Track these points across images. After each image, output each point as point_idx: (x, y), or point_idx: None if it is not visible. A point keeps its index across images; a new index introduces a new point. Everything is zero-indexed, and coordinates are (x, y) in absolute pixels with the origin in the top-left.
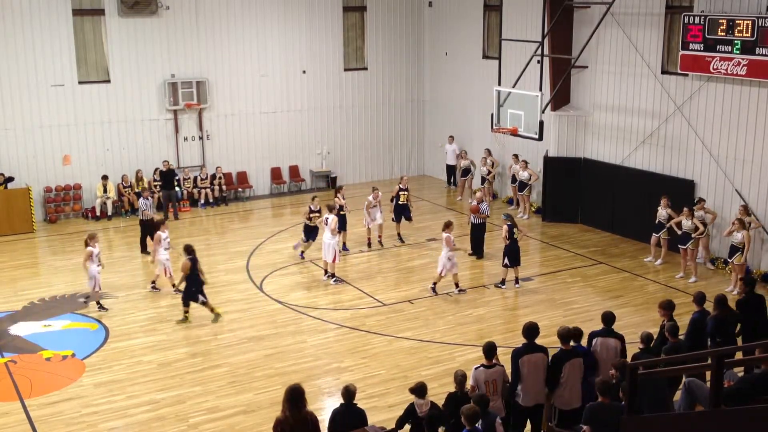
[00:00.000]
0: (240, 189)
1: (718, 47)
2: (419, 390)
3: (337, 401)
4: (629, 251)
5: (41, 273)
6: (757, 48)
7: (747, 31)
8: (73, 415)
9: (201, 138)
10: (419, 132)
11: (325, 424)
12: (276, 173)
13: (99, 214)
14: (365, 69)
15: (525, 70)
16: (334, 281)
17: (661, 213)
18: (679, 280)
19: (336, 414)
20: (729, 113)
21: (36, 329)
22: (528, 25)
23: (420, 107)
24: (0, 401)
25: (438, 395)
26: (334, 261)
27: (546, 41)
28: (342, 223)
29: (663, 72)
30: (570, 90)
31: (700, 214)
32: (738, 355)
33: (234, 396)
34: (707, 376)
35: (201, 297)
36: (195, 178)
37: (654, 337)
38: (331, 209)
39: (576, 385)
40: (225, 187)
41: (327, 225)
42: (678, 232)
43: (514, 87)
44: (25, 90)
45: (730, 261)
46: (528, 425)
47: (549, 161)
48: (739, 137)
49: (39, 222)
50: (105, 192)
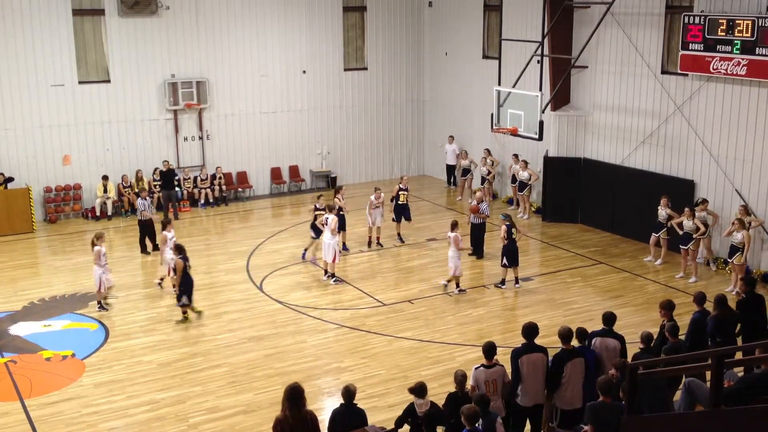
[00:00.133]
0: (240, 189)
1: (718, 47)
2: (419, 390)
3: (337, 401)
4: (629, 251)
5: (41, 273)
6: (757, 48)
7: (747, 31)
8: (73, 415)
9: (201, 138)
10: (419, 132)
11: (325, 424)
12: (276, 173)
13: (99, 214)
14: (365, 69)
15: (525, 70)
16: (334, 281)
17: (661, 213)
18: (679, 280)
19: (336, 414)
20: (729, 113)
21: (36, 329)
22: (528, 25)
23: (420, 107)
24: (0, 401)
25: (438, 395)
26: (334, 261)
27: (546, 41)
28: (341, 223)
29: (663, 72)
30: (570, 90)
31: (702, 215)
32: (738, 355)
33: (234, 396)
34: (707, 376)
35: (185, 299)
36: (195, 178)
37: (654, 337)
38: (331, 209)
39: (577, 385)
40: (225, 187)
41: (327, 225)
42: (679, 232)
43: (514, 87)
44: (25, 90)
45: (730, 261)
46: (528, 425)
47: (549, 161)
48: (739, 137)
49: (39, 222)
50: (105, 192)
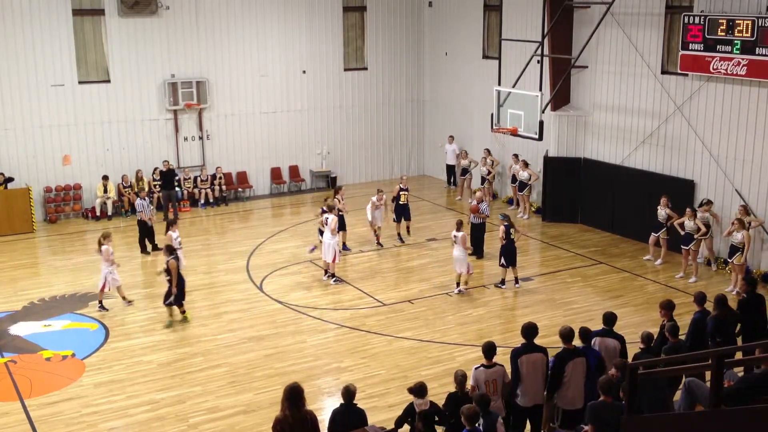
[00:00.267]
0: (240, 189)
1: (718, 47)
2: (418, 390)
3: (337, 401)
4: (629, 251)
5: (41, 273)
6: (757, 48)
7: (747, 31)
8: (73, 415)
9: (201, 138)
10: (419, 132)
11: (325, 424)
12: (276, 173)
13: (99, 214)
14: (365, 69)
15: (525, 70)
16: (334, 281)
17: (661, 213)
18: (679, 280)
19: (336, 414)
20: (729, 113)
21: (36, 329)
22: (528, 25)
23: (420, 107)
24: (0, 401)
25: (438, 395)
26: (334, 261)
27: (546, 41)
28: (341, 223)
29: (663, 72)
30: (570, 90)
31: (706, 215)
32: (738, 355)
33: (234, 396)
34: (707, 376)
35: (170, 298)
36: (195, 178)
37: (654, 337)
38: (331, 209)
39: (579, 385)
40: (225, 187)
41: (327, 225)
42: (681, 232)
43: (514, 87)
44: (25, 90)
45: (730, 261)
46: (528, 426)
47: (549, 161)
48: (739, 137)
49: (39, 222)
50: (105, 192)
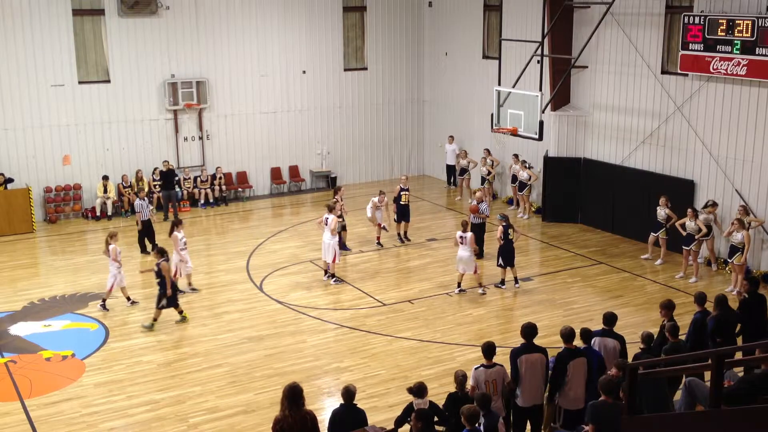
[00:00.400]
0: (240, 189)
1: (718, 47)
2: (418, 390)
3: (337, 401)
4: (629, 251)
5: (41, 273)
6: (757, 48)
7: (747, 31)
8: (73, 415)
9: (201, 138)
10: (419, 132)
11: (325, 424)
12: (276, 173)
13: (99, 214)
14: (365, 69)
15: (525, 70)
16: (334, 281)
17: (660, 212)
18: (679, 280)
19: (336, 414)
20: (729, 113)
21: (36, 329)
22: (528, 25)
23: (420, 107)
24: (0, 401)
25: (438, 395)
26: (334, 261)
27: (546, 41)
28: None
29: (663, 72)
30: (570, 90)
31: (710, 217)
32: (738, 355)
33: (234, 396)
34: (707, 376)
35: (163, 301)
36: (195, 178)
37: (654, 337)
38: (331, 209)
39: (581, 385)
40: (225, 187)
41: (327, 225)
42: (683, 233)
43: (514, 87)
44: (25, 90)
45: (730, 261)
46: (528, 426)
47: (549, 161)
48: (739, 137)
49: (39, 222)
50: (105, 192)
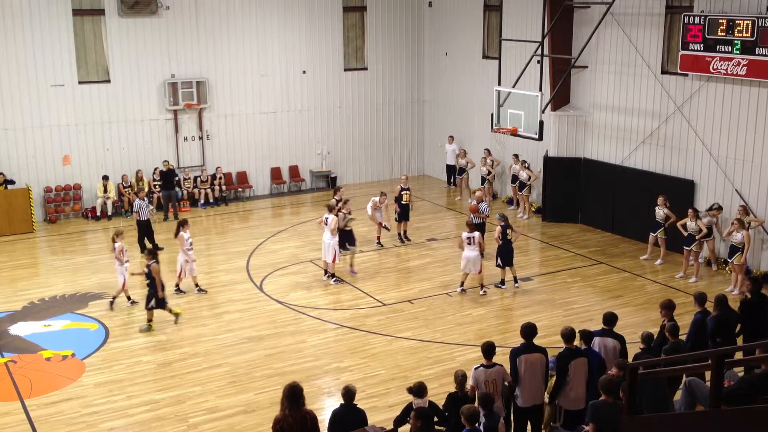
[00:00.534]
0: (240, 189)
1: (718, 47)
2: (417, 390)
3: (337, 401)
4: (629, 251)
5: (41, 273)
6: (757, 48)
7: (747, 31)
8: (73, 415)
9: (201, 138)
10: (419, 132)
11: (325, 424)
12: (276, 173)
13: (99, 214)
14: (365, 69)
15: (525, 70)
16: (334, 281)
17: (659, 212)
18: (679, 280)
19: (336, 414)
20: (729, 113)
21: (36, 329)
22: (528, 25)
23: (420, 107)
24: (0, 401)
25: (438, 395)
26: (333, 261)
27: (546, 41)
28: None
29: (663, 72)
30: (570, 90)
31: (712, 220)
32: (738, 355)
33: (234, 396)
34: (707, 376)
35: (152, 302)
36: (195, 178)
37: (654, 337)
38: (331, 209)
39: (582, 385)
40: (225, 187)
41: (327, 225)
42: (684, 233)
43: (514, 87)
44: (25, 90)
45: (730, 261)
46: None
47: (549, 161)
48: (739, 137)
49: (39, 222)
50: (105, 192)
